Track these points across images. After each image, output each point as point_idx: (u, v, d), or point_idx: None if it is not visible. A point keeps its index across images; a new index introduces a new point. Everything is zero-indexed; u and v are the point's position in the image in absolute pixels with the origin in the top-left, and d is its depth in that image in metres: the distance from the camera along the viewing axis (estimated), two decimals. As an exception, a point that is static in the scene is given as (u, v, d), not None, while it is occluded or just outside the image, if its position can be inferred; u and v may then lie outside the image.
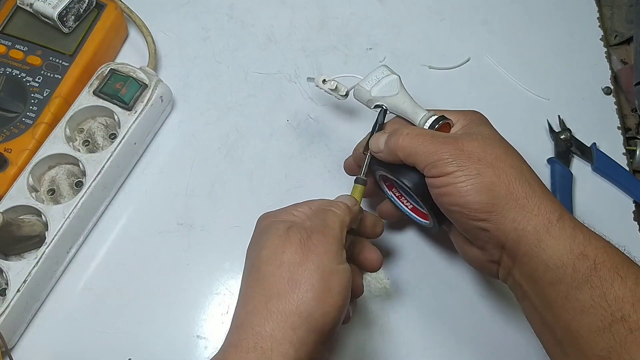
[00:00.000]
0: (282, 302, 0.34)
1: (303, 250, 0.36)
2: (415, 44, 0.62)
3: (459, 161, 0.37)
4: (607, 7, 0.66)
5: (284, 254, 0.36)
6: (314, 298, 0.34)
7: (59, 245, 0.47)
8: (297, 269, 0.35)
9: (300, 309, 0.34)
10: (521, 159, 0.39)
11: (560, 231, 0.36)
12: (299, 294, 0.34)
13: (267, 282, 0.35)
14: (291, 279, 0.35)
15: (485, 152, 0.38)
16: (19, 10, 0.54)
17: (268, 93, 0.58)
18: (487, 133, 0.40)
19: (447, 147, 0.38)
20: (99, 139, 0.52)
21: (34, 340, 0.47)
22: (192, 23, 0.61)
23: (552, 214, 0.36)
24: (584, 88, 0.60)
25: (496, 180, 0.37)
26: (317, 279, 0.35)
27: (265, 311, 0.34)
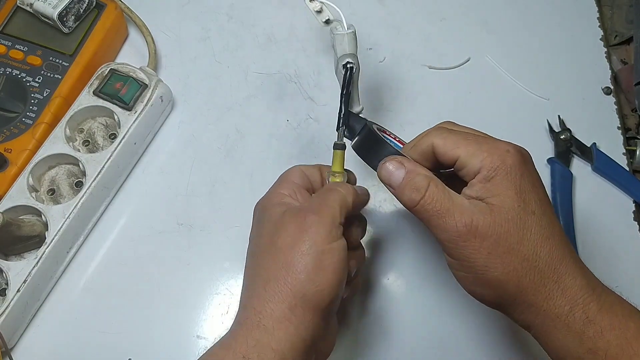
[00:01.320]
0: (278, 284, 0.36)
1: (297, 232, 0.37)
2: (415, 44, 0.62)
3: (469, 251, 0.35)
4: (607, 7, 0.66)
5: (278, 240, 0.37)
6: (306, 279, 0.35)
7: (59, 245, 0.47)
8: (291, 252, 0.36)
9: (294, 290, 0.35)
10: (540, 239, 0.35)
11: (567, 328, 0.34)
12: (293, 276, 0.36)
13: (264, 268, 0.37)
14: (285, 262, 0.36)
15: (499, 241, 0.35)
16: (19, 10, 0.54)
17: (268, 93, 0.58)
18: (508, 206, 0.35)
19: (459, 228, 0.35)
20: (99, 139, 0.52)
21: (34, 340, 0.47)
22: (192, 23, 0.61)
23: (561, 308, 0.34)
24: (584, 88, 0.60)
25: (504, 279, 0.35)
26: (309, 260, 0.36)
27: (265, 293, 0.36)
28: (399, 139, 0.45)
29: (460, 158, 0.37)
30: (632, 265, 0.52)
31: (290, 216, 0.38)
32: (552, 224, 0.36)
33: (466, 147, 0.37)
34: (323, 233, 0.37)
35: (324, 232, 0.37)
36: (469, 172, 0.37)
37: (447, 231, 0.35)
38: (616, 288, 0.51)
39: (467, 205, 0.36)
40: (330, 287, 0.36)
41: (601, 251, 0.53)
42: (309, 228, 0.37)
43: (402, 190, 0.38)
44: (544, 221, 0.36)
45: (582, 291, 0.35)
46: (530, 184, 0.36)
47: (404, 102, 0.58)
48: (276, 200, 0.40)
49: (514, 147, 0.37)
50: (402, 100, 0.59)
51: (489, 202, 0.35)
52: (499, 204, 0.35)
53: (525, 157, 0.37)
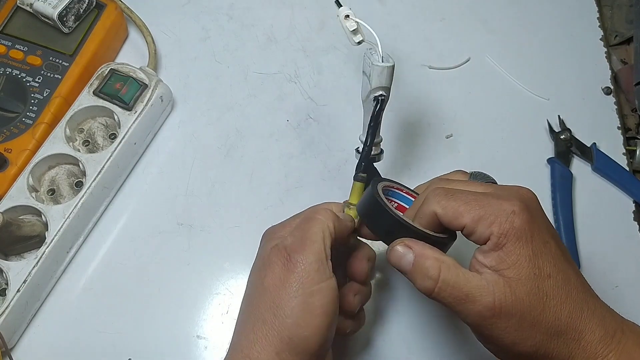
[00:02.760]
0: (266, 327, 0.35)
1: (284, 272, 0.36)
2: (415, 44, 0.62)
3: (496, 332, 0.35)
4: (607, 7, 0.66)
5: (265, 279, 0.36)
6: (294, 324, 0.35)
7: (59, 245, 0.47)
8: (278, 293, 0.35)
9: (281, 334, 0.35)
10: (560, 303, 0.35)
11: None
12: (280, 320, 0.35)
13: (253, 308, 0.37)
14: (273, 304, 0.35)
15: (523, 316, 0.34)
16: (19, 10, 0.54)
17: (268, 93, 0.58)
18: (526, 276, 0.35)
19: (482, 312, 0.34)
20: (99, 139, 0.52)
21: (34, 340, 0.47)
22: (192, 23, 0.61)
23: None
24: (584, 88, 0.60)
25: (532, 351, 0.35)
26: (296, 303, 0.35)
27: (252, 335, 0.35)
28: (411, 192, 0.43)
29: (467, 226, 0.36)
30: (632, 265, 0.52)
31: (275, 254, 0.37)
32: (568, 280, 0.36)
33: (469, 213, 0.35)
34: (311, 273, 0.35)
35: (311, 272, 0.35)
36: (479, 239, 0.36)
37: (470, 316, 0.35)
38: (616, 288, 0.51)
39: (486, 285, 0.34)
40: (319, 332, 0.35)
41: (601, 251, 0.53)
42: (294, 268, 0.36)
43: (414, 276, 0.36)
44: (560, 280, 0.35)
45: (600, 344, 0.35)
46: (542, 242, 0.35)
47: (404, 102, 0.58)
48: (275, 234, 0.39)
49: (519, 204, 0.35)
50: (402, 100, 0.59)
51: (505, 274, 0.34)
52: (516, 276, 0.34)
53: (532, 211, 0.36)
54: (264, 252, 0.38)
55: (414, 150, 0.55)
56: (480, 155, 0.56)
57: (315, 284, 0.35)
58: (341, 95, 0.58)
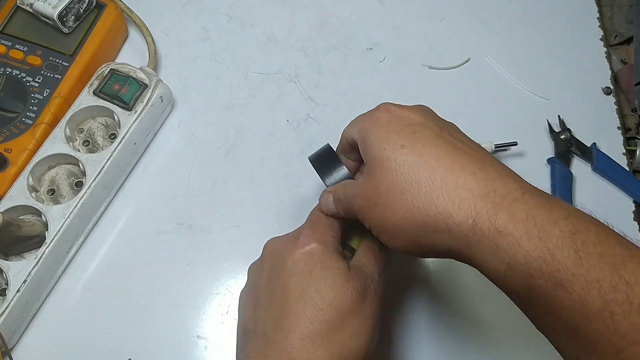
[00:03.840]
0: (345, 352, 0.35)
1: (364, 299, 0.37)
2: (415, 44, 0.62)
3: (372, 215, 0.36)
4: (607, 7, 0.66)
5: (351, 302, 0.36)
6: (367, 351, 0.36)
7: (59, 245, 0.47)
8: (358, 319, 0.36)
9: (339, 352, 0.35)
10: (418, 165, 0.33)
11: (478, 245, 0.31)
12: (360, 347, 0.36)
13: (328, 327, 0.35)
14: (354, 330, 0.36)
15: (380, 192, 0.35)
16: (19, 10, 0.54)
17: (268, 93, 0.58)
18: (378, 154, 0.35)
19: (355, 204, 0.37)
20: (99, 139, 0.52)
21: (34, 340, 0.47)
22: (192, 23, 0.61)
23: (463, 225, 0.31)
24: (584, 88, 0.60)
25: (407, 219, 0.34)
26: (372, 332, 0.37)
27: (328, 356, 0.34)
28: None
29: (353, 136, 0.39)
30: (632, 265, 0.52)
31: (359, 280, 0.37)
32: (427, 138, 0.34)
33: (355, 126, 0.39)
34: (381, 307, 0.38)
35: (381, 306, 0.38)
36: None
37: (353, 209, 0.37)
38: (616, 288, 0.51)
39: (360, 180, 0.37)
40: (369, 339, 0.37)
41: (601, 251, 0.53)
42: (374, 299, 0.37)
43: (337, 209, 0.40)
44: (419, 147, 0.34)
45: (483, 201, 0.31)
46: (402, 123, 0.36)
47: (404, 102, 0.58)
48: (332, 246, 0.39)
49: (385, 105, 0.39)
50: (402, 100, 0.58)
51: (364, 170, 0.37)
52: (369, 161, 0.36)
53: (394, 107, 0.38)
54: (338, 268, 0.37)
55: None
56: (480, 155, 0.56)
57: (380, 317, 0.38)
58: (341, 95, 0.58)
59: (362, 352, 0.35)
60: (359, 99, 0.59)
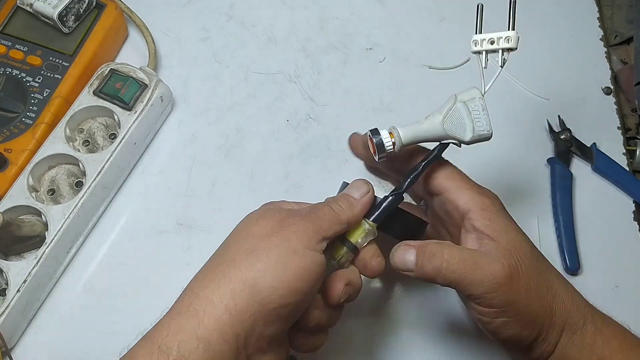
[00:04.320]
0: (231, 267, 0.33)
1: (275, 226, 0.35)
2: (415, 44, 0.62)
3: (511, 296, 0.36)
4: (607, 7, 0.66)
5: (253, 227, 0.35)
6: (264, 269, 0.33)
7: (59, 245, 0.47)
8: (260, 240, 0.34)
9: (246, 275, 0.32)
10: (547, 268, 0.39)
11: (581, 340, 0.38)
12: (250, 262, 0.33)
13: (226, 251, 0.35)
14: (250, 248, 0.34)
15: (530, 278, 0.37)
16: (19, 10, 0.54)
17: (268, 93, 0.58)
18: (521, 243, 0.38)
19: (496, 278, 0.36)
20: (99, 139, 0.52)
21: (34, 340, 0.47)
22: (192, 23, 0.61)
23: (577, 324, 0.38)
24: (584, 88, 0.60)
25: (541, 312, 0.37)
26: (276, 253, 0.33)
27: (212, 274, 0.34)
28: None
29: (449, 191, 0.39)
30: (632, 265, 0.52)
31: (275, 211, 0.36)
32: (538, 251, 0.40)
33: (457, 181, 0.40)
34: (302, 236, 0.34)
35: (303, 236, 0.34)
36: (456, 207, 0.39)
37: (482, 284, 0.36)
38: (616, 288, 0.51)
39: (490, 252, 0.37)
40: (286, 290, 0.33)
41: (601, 251, 0.53)
42: (288, 225, 0.35)
43: (421, 267, 0.37)
44: (540, 253, 0.39)
45: (586, 306, 0.39)
46: (516, 224, 0.39)
47: (404, 102, 0.58)
48: (277, 204, 0.39)
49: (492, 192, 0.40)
50: (402, 100, 0.59)
51: (502, 242, 0.37)
52: (511, 241, 0.37)
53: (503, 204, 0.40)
54: (259, 210, 0.38)
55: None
56: (480, 155, 0.56)
57: (302, 247, 0.34)
58: (341, 95, 0.58)
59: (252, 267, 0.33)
60: (359, 99, 0.59)
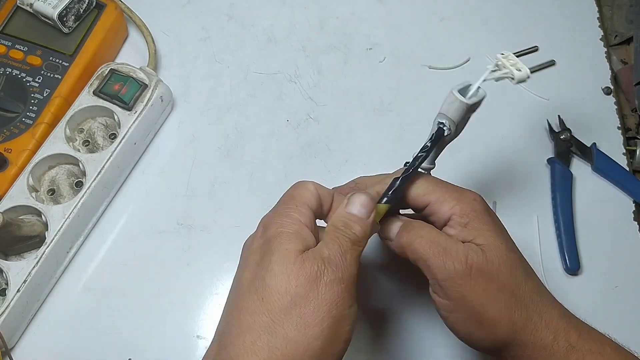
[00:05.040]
0: (287, 345, 0.31)
1: (319, 284, 0.33)
2: (415, 44, 0.62)
3: (466, 289, 0.35)
4: (607, 7, 0.66)
5: (297, 288, 0.32)
6: (321, 347, 0.32)
7: (59, 245, 0.47)
8: (310, 307, 0.32)
9: (304, 357, 0.32)
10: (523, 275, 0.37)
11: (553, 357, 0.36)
12: (307, 339, 0.32)
13: (273, 317, 0.32)
14: (301, 319, 0.32)
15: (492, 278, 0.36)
16: (19, 10, 0.54)
17: (268, 93, 0.58)
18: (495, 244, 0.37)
19: (456, 266, 0.35)
20: (99, 139, 0.52)
21: (34, 340, 0.47)
22: (192, 23, 0.61)
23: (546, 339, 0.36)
24: (584, 88, 0.60)
25: (498, 317, 0.35)
26: (328, 324, 0.32)
27: (267, 352, 0.31)
28: None
29: (431, 204, 0.39)
30: (632, 265, 0.52)
31: (311, 263, 0.33)
32: (525, 261, 0.39)
33: (435, 193, 0.39)
34: (346, 295, 0.33)
35: (346, 295, 0.33)
36: (439, 219, 0.39)
37: (445, 270, 0.36)
38: (616, 288, 0.51)
39: (461, 245, 0.37)
40: (338, 357, 0.33)
41: (601, 251, 0.53)
42: (332, 286, 0.33)
43: (399, 237, 0.38)
44: (522, 258, 0.38)
45: (561, 320, 0.36)
46: (501, 226, 0.39)
47: (404, 102, 0.58)
48: (294, 227, 0.35)
49: (478, 196, 0.39)
50: (402, 100, 0.59)
51: (476, 242, 0.37)
52: (486, 243, 0.37)
53: (488, 205, 0.40)
54: (289, 253, 0.33)
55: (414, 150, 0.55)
56: (480, 155, 0.56)
57: (347, 307, 0.33)
58: (341, 95, 0.58)
59: (310, 345, 0.31)
60: (359, 99, 0.59)
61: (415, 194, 0.39)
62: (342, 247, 0.35)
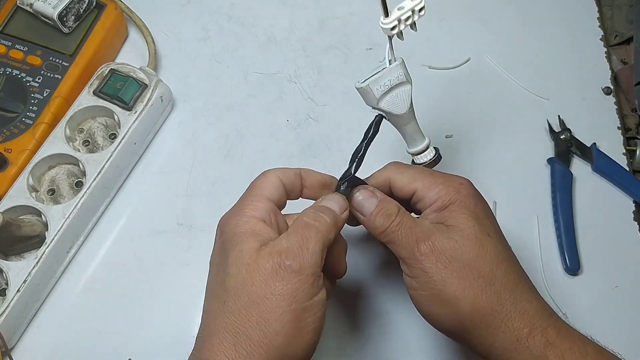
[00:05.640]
0: (252, 345, 0.32)
1: (275, 280, 0.33)
2: (415, 44, 0.62)
3: (427, 265, 0.35)
4: (607, 7, 0.66)
5: (252, 287, 0.33)
6: (284, 342, 0.32)
7: (59, 245, 0.47)
8: (268, 306, 0.32)
9: (269, 353, 0.32)
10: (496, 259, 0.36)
11: (529, 351, 0.34)
12: (269, 338, 0.32)
13: (234, 317, 0.33)
14: (261, 319, 0.32)
15: (455, 256, 0.35)
16: (19, 10, 0.54)
17: (268, 93, 0.58)
18: (464, 226, 0.37)
19: (420, 245, 0.36)
20: (99, 139, 0.52)
21: (34, 340, 0.47)
22: (192, 23, 0.61)
23: (520, 331, 0.34)
24: (584, 88, 0.60)
25: (460, 295, 0.35)
26: (289, 319, 0.32)
27: (234, 352, 0.32)
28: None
29: (417, 191, 0.39)
30: (632, 265, 0.52)
31: (266, 260, 0.33)
32: (507, 249, 0.38)
33: (422, 180, 0.39)
34: (305, 287, 0.33)
35: (306, 286, 0.33)
36: (425, 205, 0.39)
37: (408, 248, 0.36)
38: (616, 288, 0.51)
39: (428, 226, 0.37)
40: (308, 350, 0.34)
41: (601, 251, 0.53)
42: (290, 279, 0.33)
43: (374, 218, 0.38)
44: (500, 245, 0.37)
45: (539, 315, 0.35)
46: (483, 212, 0.38)
47: (404, 102, 0.58)
48: (247, 226, 0.35)
49: (467, 181, 0.39)
50: (402, 100, 0.58)
51: (447, 224, 0.37)
52: (455, 224, 0.37)
53: (477, 191, 0.39)
54: (245, 253, 0.34)
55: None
56: (480, 155, 0.56)
57: (309, 298, 0.33)
58: (341, 95, 0.58)
59: (272, 342, 0.32)
60: (359, 99, 0.58)
61: (401, 183, 0.40)
62: (304, 237, 0.35)
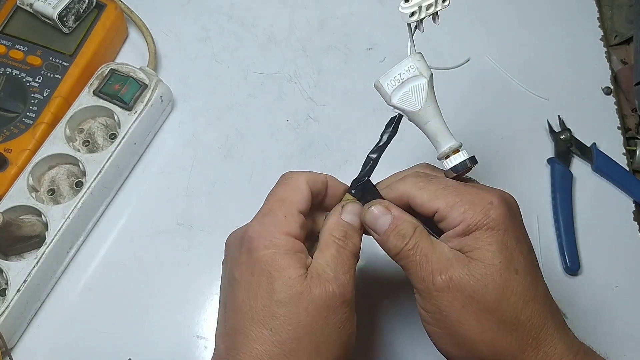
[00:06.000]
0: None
1: (327, 312, 0.33)
2: (415, 44, 0.61)
3: (442, 303, 0.33)
4: (607, 7, 0.66)
5: (307, 317, 0.32)
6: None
7: (59, 245, 0.47)
8: (318, 336, 0.32)
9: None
10: (522, 301, 0.33)
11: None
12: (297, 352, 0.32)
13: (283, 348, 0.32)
14: (313, 348, 0.32)
15: (475, 297, 0.32)
16: (19, 10, 0.54)
17: (268, 93, 0.58)
18: (489, 261, 0.33)
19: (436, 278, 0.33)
20: (99, 139, 0.52)
21: (34, 340, 0.47)
22: (192, 23, 0.61)
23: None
24: (584, 88, 0.60)
25: (478, 339, 0.32)
26: (338, 345, 0.33)
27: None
28: None
29: (439, 210, 0.34)
30: (632, 265, 0.52)
31: (316, 288, 0.33)
32: (536, 285, 0.34)
33: (445, 198, 0.34)
34: (351, 314, 0.34)
35: (351, 313, 0.34)
36: (448, 225, 0.34)
37: (422, 280, 0.33)
38: (616, 288, 0.51)
39: (447, 255, 0.33)
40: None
41: (601, 251, 0.53)
42: (341, 309, 0.33)
43: (387, 237, 0.35)
44: (528, 281, 0.33)
45: (569, 352, 0.33)
46: (515, 239, 0.34)
47: (404, 102, 0.58)
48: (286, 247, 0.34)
49: (499, 198, 0.34)
50: (402, 100, 0.58)
51: (469, 255, 0.33)
52: (478, 257, 0.33)
53: (511, 209, 0.34)
54: (293, 283, 0.33)
55: (414, 150, 0.55)
56: (480, 155, 0.56)
57: (353, 325, 0.34)
58: (341, 95, 0.58)
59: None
60: (359, 98, 0.59)
61: (420, 200, 0.35)
62: (346, 264, 0.34)
